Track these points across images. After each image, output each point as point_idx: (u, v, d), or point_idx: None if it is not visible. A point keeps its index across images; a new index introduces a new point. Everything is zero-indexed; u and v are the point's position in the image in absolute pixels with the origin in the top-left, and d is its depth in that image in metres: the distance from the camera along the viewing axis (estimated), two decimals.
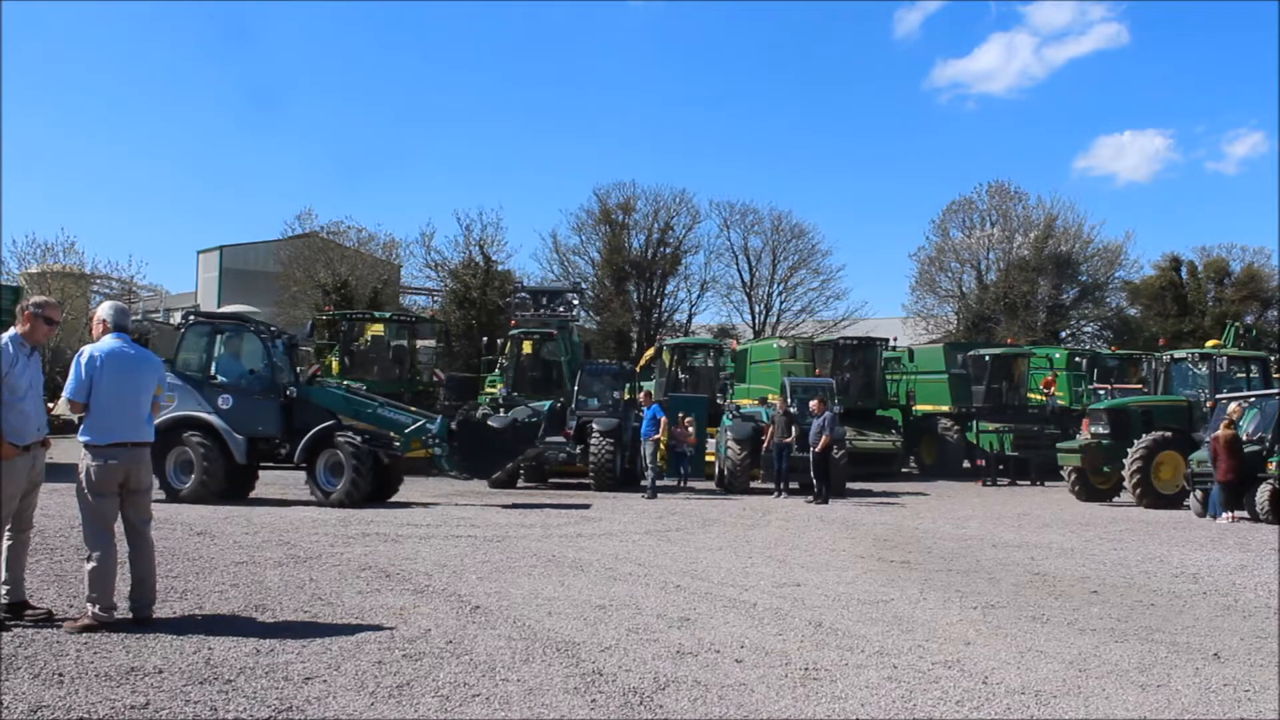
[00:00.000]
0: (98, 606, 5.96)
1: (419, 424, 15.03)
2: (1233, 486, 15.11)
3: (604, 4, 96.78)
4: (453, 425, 15.22)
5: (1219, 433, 15.27)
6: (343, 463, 14.07)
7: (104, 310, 6.45)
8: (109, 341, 6.26)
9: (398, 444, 14.88)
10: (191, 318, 15.63)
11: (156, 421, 14.10)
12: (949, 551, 10.91)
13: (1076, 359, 28.07)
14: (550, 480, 19.86)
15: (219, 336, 15.02)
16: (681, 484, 19.74)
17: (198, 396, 14.48)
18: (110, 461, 6.13)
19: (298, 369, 15.71)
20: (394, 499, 14.76)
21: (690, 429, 20.67)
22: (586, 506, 15.27)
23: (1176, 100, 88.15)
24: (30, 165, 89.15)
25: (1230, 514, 15.01)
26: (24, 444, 5.92)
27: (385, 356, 25.08)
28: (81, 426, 6.18)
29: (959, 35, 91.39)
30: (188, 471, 14.05)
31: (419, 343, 28.13)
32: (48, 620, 6.08)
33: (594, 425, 18.87)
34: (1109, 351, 32.12)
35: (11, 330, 6.04)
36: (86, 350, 6.19)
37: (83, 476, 6.15)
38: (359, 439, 14.19)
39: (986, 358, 26.06)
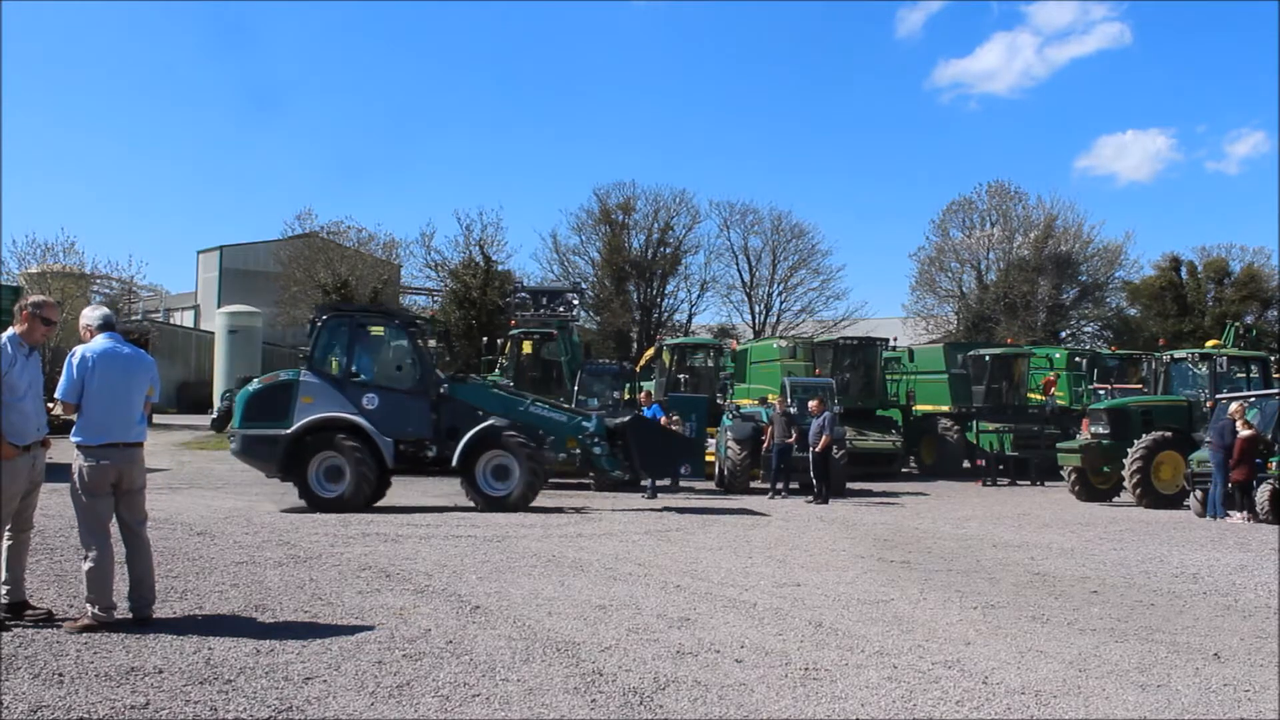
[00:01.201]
0: (97, 607, 5.96)
1: (575, 422, 14.49)
2: (1246, 487, 15.20)
3: (604, 4, 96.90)
4: (611, 424, 14.58)
5: (1244, 433, 15.31)
6: (509, 465, 13.51)
7: (87, 317, 6.39)
8: (101, 342, 6.23)
9: (550, 444, 14.31)
10: (329, 312, 14.39)
11: (300, 424, 13.26)
12: (949, 551, 10.91)
13: (1076, 359, 28.05)
14: (550, 480, 19.82)
15: (360, 331, 14.04)
16: (674, 484, 19.58)
17: (340, 397, 13.54)
18: (103, 462, 6.12)
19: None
20: (383, 503, 14.39)
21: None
22: (587, 507, 15.26)
23: (1179, 100, 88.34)
24: (30, 165, 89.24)
25: (1243, 513, 15.06)
26: (24, 444, 5.92)
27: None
28: (74, 427, 6.17)
29: (962, 35, 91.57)
30: (333, 478, 13.20)
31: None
32: (48, 620, 6.08)
33: None
34: (1109, 351, 32.11)
35: (10, 330, 6.04)
36: (79, 351, 6.17)
37: (76, 477, 6.14)
38: (526, 438, 13.59)
39: (986, 358, 26.04)
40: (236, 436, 13.67)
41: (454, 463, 13.59)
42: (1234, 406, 15.96)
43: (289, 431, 13.29)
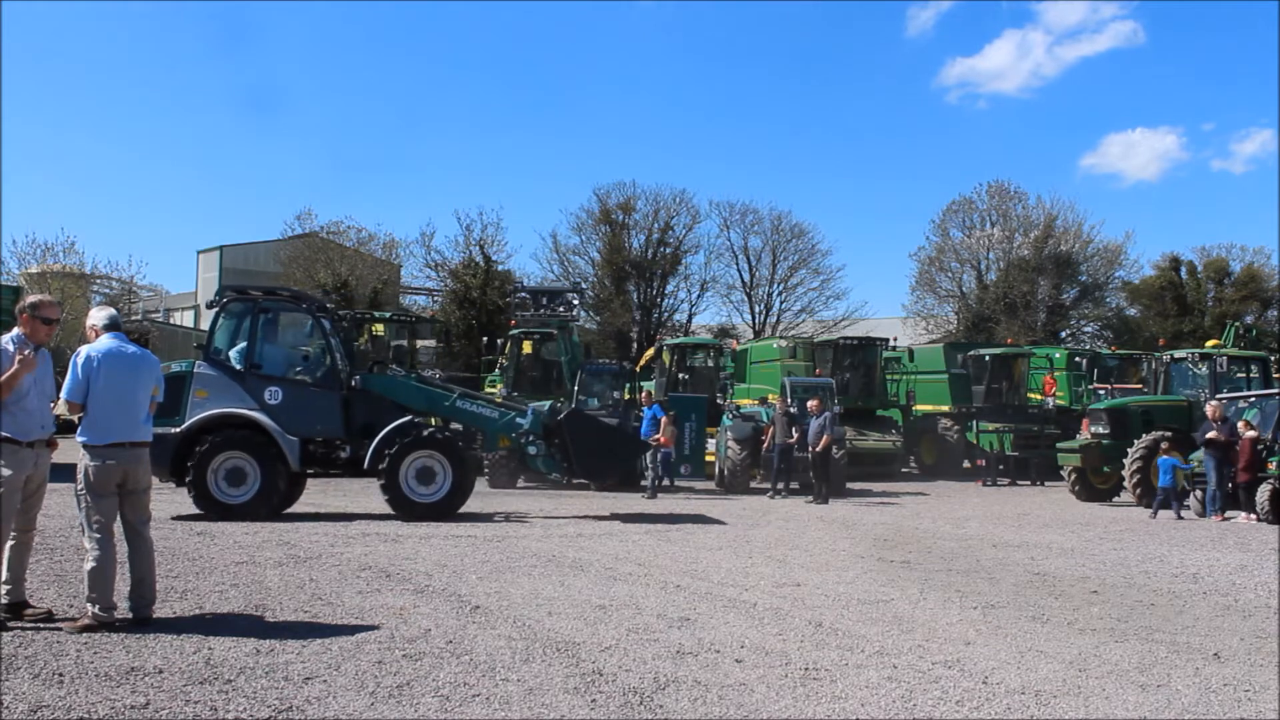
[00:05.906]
0: (97, 606, 5.97)
1: (507, 418, 12.96)
2: (1249, 486, 15.23)
3: (606, 4, 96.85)
4: (556, 419, 13.04)
5: (1247, 435, 15.34)
6: (435, 466, 12.11)
7: (94, 317, 6.44)
8: (106, 341, 6.26)
9: (479, 442, 13.14)
10: (227, 295, 12.64)
11: (191, 421, 12.04)
12: (949, 551, 10.91)
13: (1076, 359, 28.07)
14: (548, 479, 19.80)
15: (262, 316, 12.38)
16: (671, 483, 19.49)
17: (239, 390, 12.01)
18: (108, 462, 6.13)
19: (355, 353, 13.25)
20: (379, 502, 14.16)
21: (668, 428, 20.33)
22: (595, 515, 15.27)
23: (1188, 98, 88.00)
24: (30, 165, 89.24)
25: (1246, 514, 15.09)
26: (28, 440, 5.92)
27: (385, 356, 25.08)
28: (79, 427, 6.18)
29: (972, 33, 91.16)
30: (235, 482, 11.77)
31: (419, 343, 28.16)
32: (48, 620, 6.09)
33: None
34: (1109, 351, 32.13)
35: (15, 331, 6.06)
36: (84, 350, 6.20)
37: (81, 477, 6.15)
38: (454, 436, 12.33)
39: (986, 358, 26.06)
40: None
41: (366, 464, 12.13)
42: (1209, 406, 16.01)
43: (179, 430, 11.73)
